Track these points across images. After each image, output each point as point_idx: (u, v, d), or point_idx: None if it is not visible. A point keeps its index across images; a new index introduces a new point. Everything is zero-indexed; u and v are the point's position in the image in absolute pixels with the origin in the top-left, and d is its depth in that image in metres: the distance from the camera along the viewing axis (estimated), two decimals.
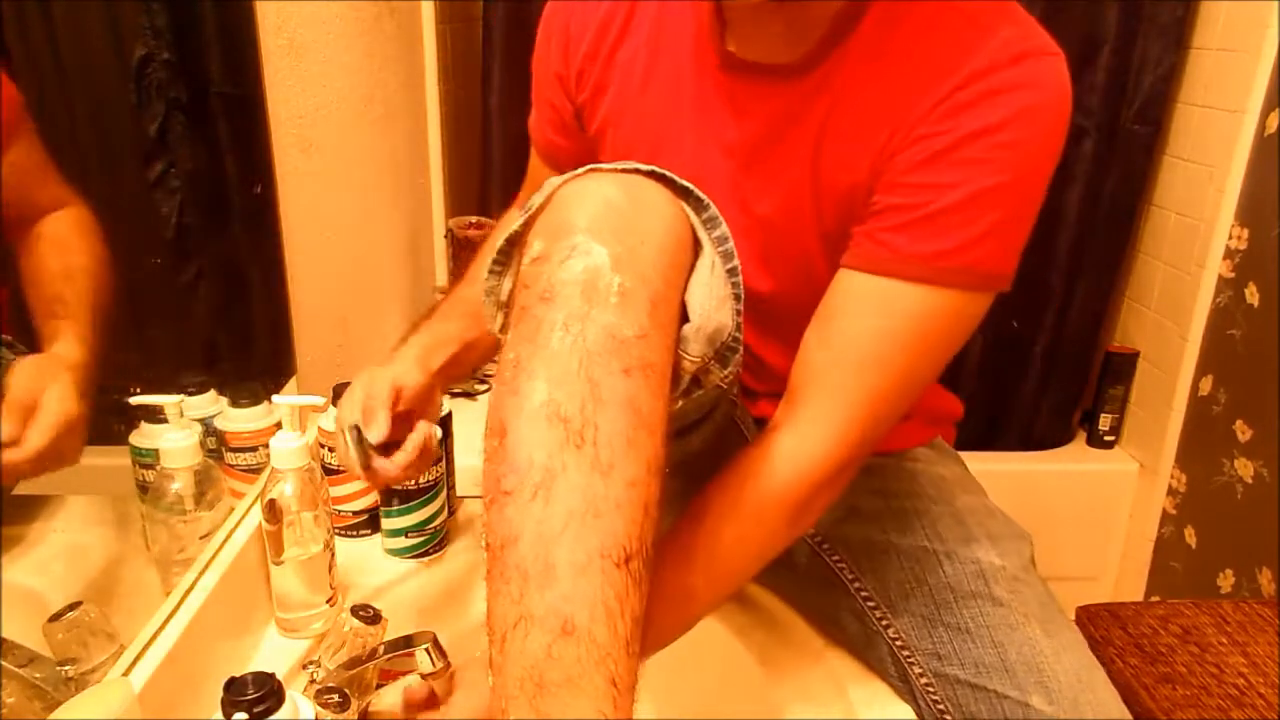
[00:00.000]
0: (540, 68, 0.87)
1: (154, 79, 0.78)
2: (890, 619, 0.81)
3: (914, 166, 0.65)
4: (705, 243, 0.60)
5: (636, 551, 0.52)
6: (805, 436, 0.68)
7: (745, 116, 0.74)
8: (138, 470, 0.78)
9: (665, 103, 0.78)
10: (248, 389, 0.87)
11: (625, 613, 0.51)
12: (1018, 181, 0.64)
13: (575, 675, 0.49)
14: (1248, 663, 1.08)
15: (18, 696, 0.59)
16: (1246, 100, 1.47)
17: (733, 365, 0.62)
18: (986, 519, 0.86)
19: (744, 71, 0.73)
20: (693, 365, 0.59)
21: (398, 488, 0.95)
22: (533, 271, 0.56)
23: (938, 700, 0.78)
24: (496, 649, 0.51)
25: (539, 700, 0.49)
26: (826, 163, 0.71)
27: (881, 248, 0.67)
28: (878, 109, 0.67)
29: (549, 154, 0.91)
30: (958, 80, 0.63)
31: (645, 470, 0.53)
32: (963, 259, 0.65)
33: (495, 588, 0.52)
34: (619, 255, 0.54)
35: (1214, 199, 1.54)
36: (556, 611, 0.50)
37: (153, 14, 0.78)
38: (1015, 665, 0.74)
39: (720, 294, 0.59)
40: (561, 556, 0.50)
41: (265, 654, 0.81)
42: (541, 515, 0.51)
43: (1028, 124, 0.63)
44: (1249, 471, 1.50)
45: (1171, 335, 1.65)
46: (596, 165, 0.60)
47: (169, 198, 0.81)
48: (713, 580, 0.69)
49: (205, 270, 0.87)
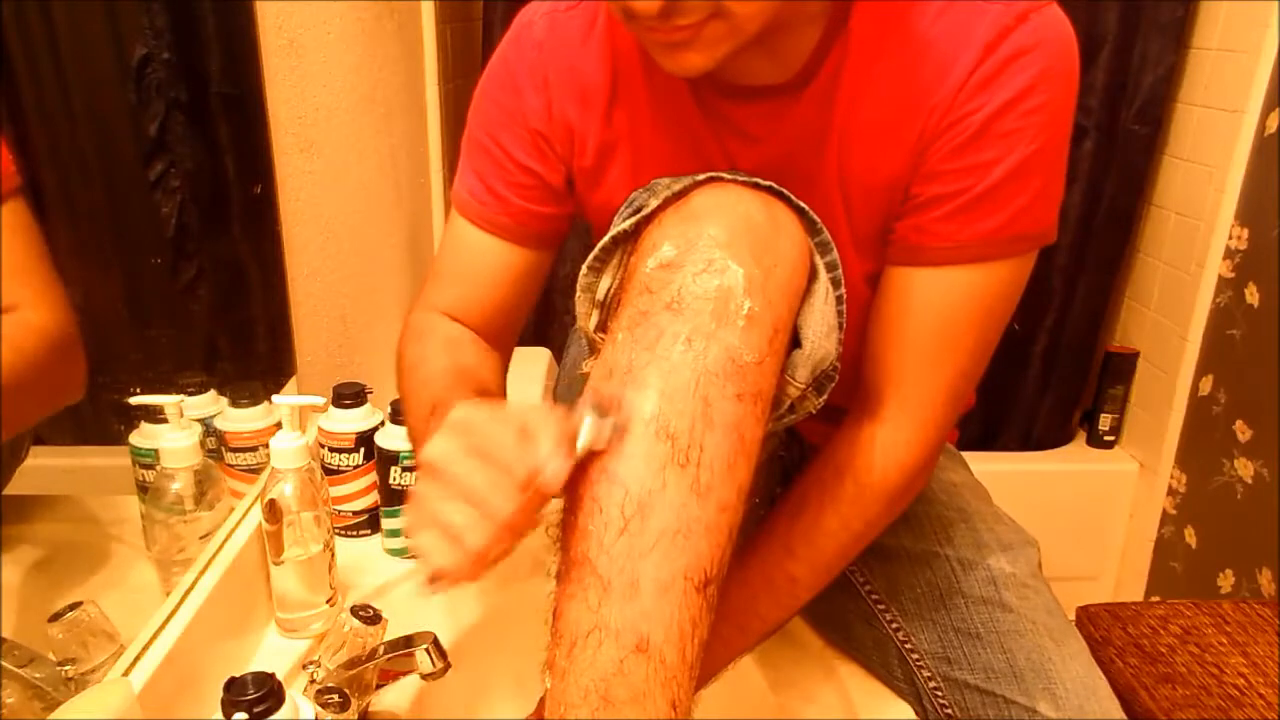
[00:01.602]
0: (507, 126, 0.76)
1: (154, 79, 0.78)
2: (900, 622, 0.81)
3: (953, 152, 0.65)
4: (820, 268, 0.59)
5: (715, 577, 0.52)
6: (899, 428, 0.70)
7: (758, 141, 0.71)
8: (138, 470, 0.78)
9: (669, 144, 0.74)
10: (248, 389, 0.87)
11: (695, 637, 0.51)
12: (1051, 140, 0.65)
13: (641, 694, 0.49)
14: (1248, 663, 1.08)
15: (18, 696, 0.59)
16: (1246, 100, 1.47)
17: (826, 393, 0.62)
18: (996, 525, 0.86)
19: (749, 97, 0.70)
20: (796, 392, 0.59)
21: (398, 487, 0.95)
22: (660, 277, 0.54)
23: (945, 705, 0.78)
24: (563, 653, 0.51)
25: (602, 712, 0.49)
26: (855, 167, 0.69)
27: (936, 239, 0.67)
28: (898, 102, 0.66)
29: (522, 229, 0.78)
30: (974, 55, 0.63)
31: (737, 496, 0.53)
32: (1015, 229, 0.66)
33: (571, 591, 0.52)
34: (753, 277, 0.53)
35: (1214, 199, 1.54)
36: (634, 628, 0.49)
37: (153, 14, 0.78)
38: (1024, 671, 0.75)
39: (830, 322, 0.59)
40: (647, 573, 0.50)
41: (265, 654, 0.81)
42: (635, 529, 0.50)
43: (1050, 83, 0.63)
44: (1249, 471, 1.50)
45: (1171, 335, 1.65)
46: (718, 174, 0.58)
47: (169, 198, 0.81)
48: (816, 569, 0.72)
49: (205, 270, 0.86)
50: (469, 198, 0.79)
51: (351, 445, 0.97)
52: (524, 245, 0.79)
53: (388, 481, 0.96)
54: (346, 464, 0.97)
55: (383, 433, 0.96)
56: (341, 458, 0.97)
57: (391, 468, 0.95)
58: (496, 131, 0.76)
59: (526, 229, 0.78)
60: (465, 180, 0.79)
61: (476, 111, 0.79)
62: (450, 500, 0.51)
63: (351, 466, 0.98)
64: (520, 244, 0.79)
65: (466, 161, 0.79)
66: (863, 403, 0.72)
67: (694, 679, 0.52)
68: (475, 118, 0.79)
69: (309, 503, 0.80)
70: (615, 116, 0.74)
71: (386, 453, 0.95)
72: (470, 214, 0.79)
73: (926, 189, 0.67)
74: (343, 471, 0.98)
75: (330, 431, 0.97)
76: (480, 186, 0.78)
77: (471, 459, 0.51)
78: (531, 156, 0.76)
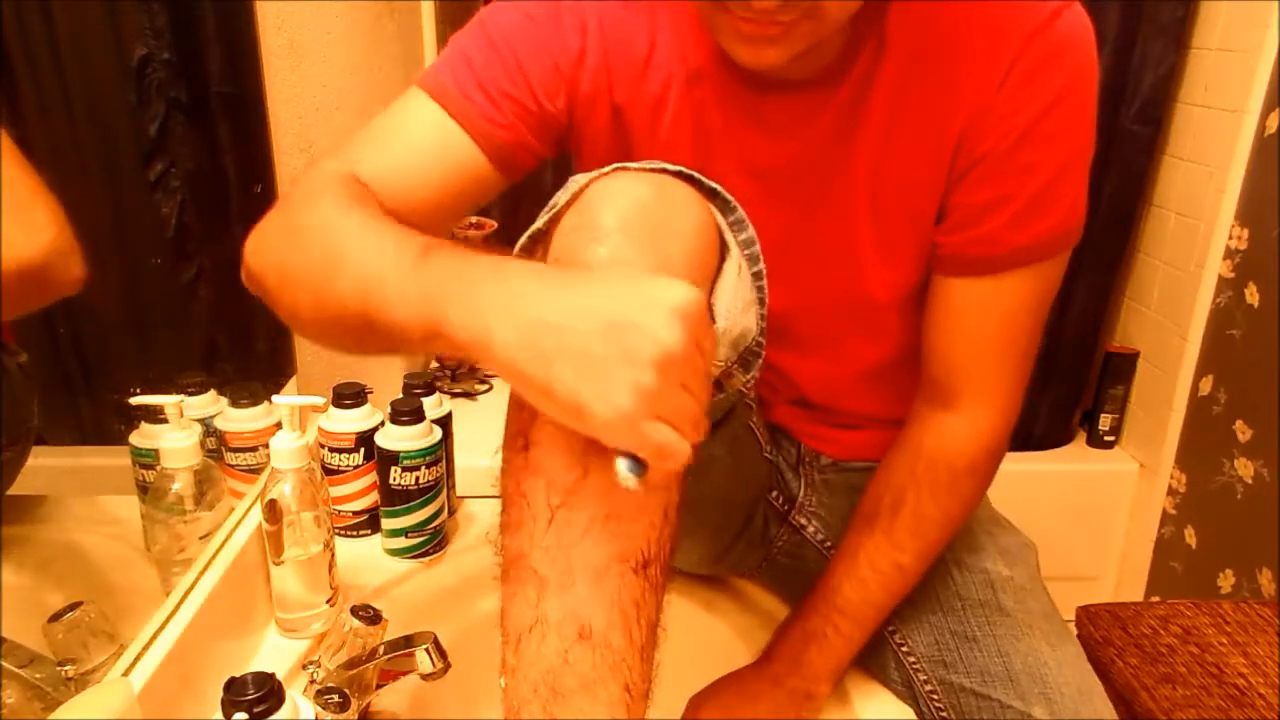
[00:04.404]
0: (533, 50, 0.71)
1: (154, 79, 0.78)
2: (897, 625, 0.81)
3: (1003, 154, 0.67)
4: (732, 245, 0.59)
5: (655, 557, 0.52)
6: (976, 418, 0.75)
7: (780, 136, 0.71)
8: (138, 470, 0.78)
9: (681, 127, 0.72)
10: (248, 389, 0.87)
11: (642, 619, 0.51)
12: (1088, 136, 0.68)
13: (591, 681, 0.49)
14: (1248, 663, 1.08)
15: (18, 696, 0.59)
16: (1246, 100, 1.47)
17: (755, 370, 0.62)
18: (994, 528, 0.86)
19: (778, 90, 0.69)
20: (717, 370, 0.58)
21: (398, 487, 0.95)
22: None
23: (941, 707, 0.78)
24: (511, 651, 0.51)
25: (553, 705, 0.49)
26: (890, 166, 0.69)
27: (993, 248, 0.69)
28: (937, 100, 0.67)
29: (498, 143, 0.70)
30: (1011, 51, 0.64)
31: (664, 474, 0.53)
32: (1062, 227, 0.69)
33: (511, 590, 0.52)
34: (648, 258, 0.53)
35: (1214, 199, 1.54)
36: (573, 616, 0.50)
37: (153, 14, 0.78)
38: (1020, 675, 0.75)
39: (746, 298, 0.59)
40: (580, 561, 0.50)
41: (265, 654, 0.81)
42: (562, 519, 0.51)
43: (1085, 81, 0.66)
44: (1249, 471, 1.50)
45: (1171, 335, 1.65)
46: (623, 165, 0.58)
47: (169, 198, 0.81)
48: (922, 556, 0.77)
49: (205, 270, 0.86)
50: (454, 90, 0.70)
51: (351, 445, 0.97)
52: (491, 159, 0.71)
53: (388, 481, 0.95)
54: (346, 464, 0.97)
55: (383, 433, 0.96)
56: (341, 458, 0.97)
57: (391, 468, 0.95)
58: (518, 46, 0.70)
59: (503, 146, 0.71)
60: (455, 71, 0.70)
61: (503, 13, 0.72)
62: (680, 391, 0.48)
63: (351, 467, 0.98)
64: (489, 155, 0.70)
65: (464, 54, 0.71)
66: (935, 397, 0.76)
67: (648, 660, 0.52)
68: (498, 19, 0.71)
69: (309, 503, 0.80)
70: (643, 89, 0.72)
71: (386, 453, 0.95)
72: (448, 103, 0.70)
73: (975, 195, 0.68)
74: (343, 471, 0.98)
75: (330, 431, 0.96)
76: (473, 84, 0.70)
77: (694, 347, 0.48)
78: (544, 90, 0.71)
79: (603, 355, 0.46)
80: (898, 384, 0.81)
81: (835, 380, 0.84)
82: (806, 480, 0.90)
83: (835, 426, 0.88)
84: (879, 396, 0.84)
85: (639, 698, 0.51)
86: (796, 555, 0.90)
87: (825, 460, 0.90)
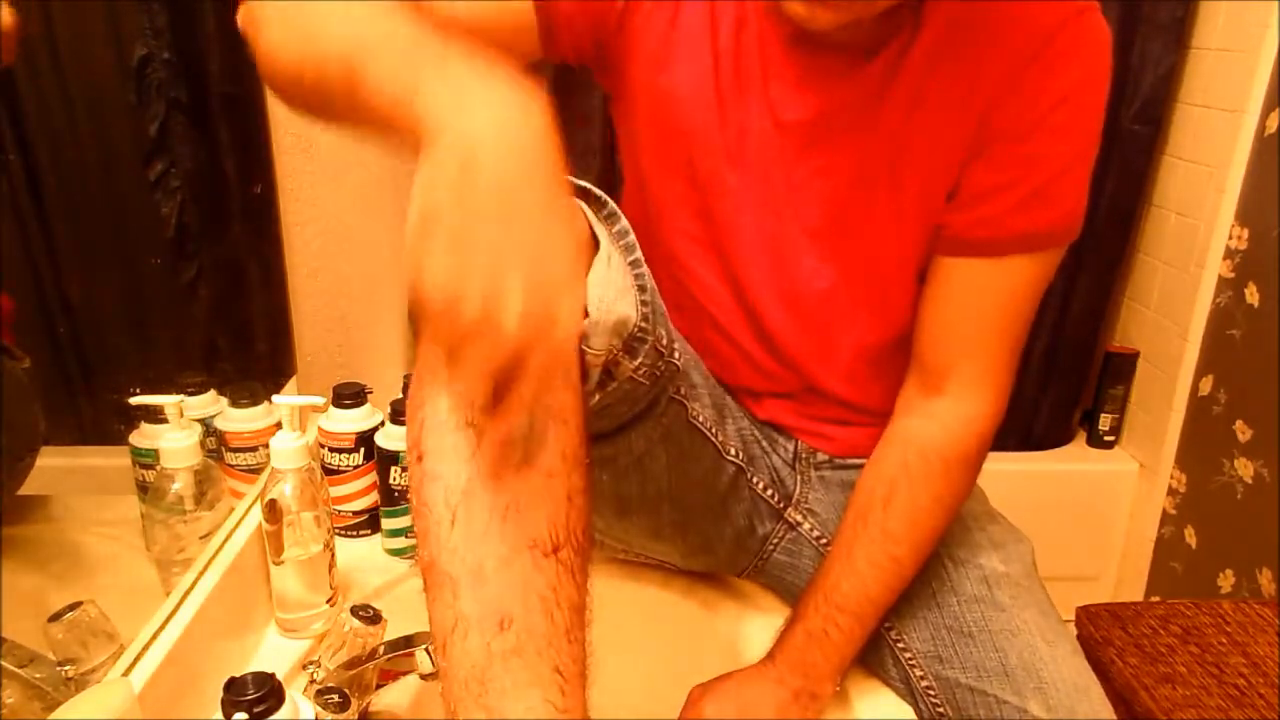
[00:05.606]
0: None
1: (154, 79, 0.78)
2: (893, 621, 0.81)
3: (1017, 139, 0.69)
4: (602, 238, 0.59)
5: (565, 541, 0.53)
6: (969, 401, 0.76)
7: (809, 93, 0.73)
8: (138, 470, 0.78)
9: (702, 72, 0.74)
10: (248, 389, 0.87)
11: (562, 601, 0.52)
12: (1096, 135, 0.71)
13: (517, 667, 0.50)
14: (1248, 663, 1.08)
15: (18, 696, 0.59)
16: (1246, 100, 1.47)
17: (645, 356, 0.61)
18: (989, 524, 0.86)
19: (816, 49, 0.72)
20: (597, 359, 0.59)
21: (398, 487, 0.95)
22: None
23: (938, 703, 0.78)
24: (440, 656, 0.52)
25: (485, 698, 0.49)
26: (912, 143, 0.72)
27: (997, 230, 0.72)
28: (965, 85, 0.70)
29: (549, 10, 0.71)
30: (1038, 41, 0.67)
31: (561, 460, 0.53)
32: (1065, 221, 0.73)
33: (431, 596, 0.53)
34: None
35: (1214, 199, 1.54)
36: (491, 609, 0.50)
37: (153, 14, 0.78)
38: (1015, 670, 0.75)
39: (619, 285, 0.59)
40: (488, 554, 0.51)
41: (265, 654, 0.81)
42: (462, 518, 0.51)
43: (1100, 80, 0.69)
44: (1249, 471, 1.50)
45: (1171, 335, 1.65)
46: None
47: (169, 198, 0.81)
48: (918, 547, 0.77)
49: (205, 270, 0.86)
50: None
51: (351, 445, 0.97)
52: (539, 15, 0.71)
53: (388, 481, 0.96)
54: (346, 464, 0.97)
55: (383, 433, 0.96)
56: (341, 458, 0.97)
57: (391, 468, 0.95)
58: None
59: (556, 23, 0.71)
60: None
61: None
62: None
63: (351, 467, 0.98)
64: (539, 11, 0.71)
65: None
66: (925, 382, 0.78)
67: (576, 641, 0.52)
68: None
69: (309, 503, 0.80)
70: (680, 19, 0.74)
71: (386, 453, 0.95)
72: None
73: (985, 177, 0.71)
74: (343, 471, 0.98)
75: (330, 431, 0.97)
76: None
77: None
78: None
79: None
80: (894, 372, 0.82)
81: (833, 358, 0.83)
82: (803, 477, 0.90)
83: (832, 422, 0.88)
84: (877, 385, 0.84)
85: (572, 677, 0.51)
86: (793, 553, 0.90)
87: (821, 457, 0.90)
